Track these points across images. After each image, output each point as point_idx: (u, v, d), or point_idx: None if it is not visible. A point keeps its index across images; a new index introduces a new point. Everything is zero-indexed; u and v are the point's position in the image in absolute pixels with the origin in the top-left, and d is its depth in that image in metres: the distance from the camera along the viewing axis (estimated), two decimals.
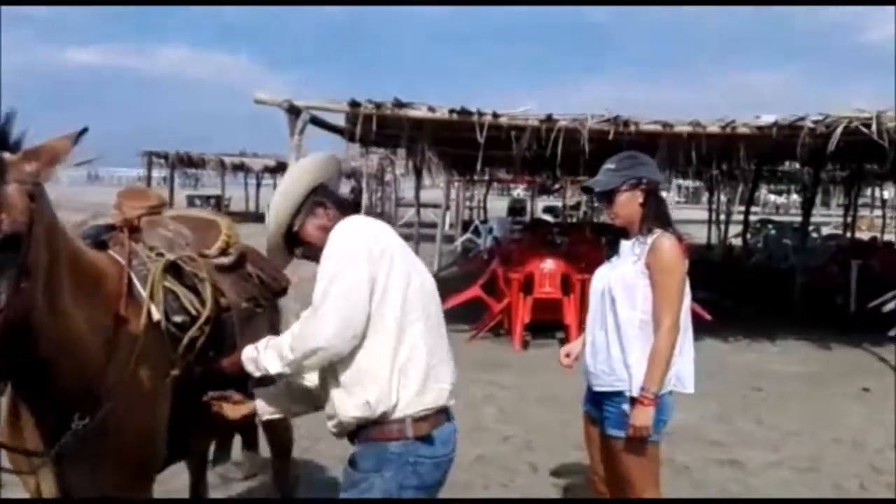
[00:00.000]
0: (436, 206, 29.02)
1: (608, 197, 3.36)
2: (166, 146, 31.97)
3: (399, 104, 7.96)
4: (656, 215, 3.28)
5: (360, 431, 2.35)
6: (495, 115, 7.97)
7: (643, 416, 3.11)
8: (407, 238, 2.74)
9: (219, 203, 32.16)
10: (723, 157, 9.57)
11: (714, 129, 8.06)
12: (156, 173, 34.17)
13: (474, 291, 9.96)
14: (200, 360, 2.57)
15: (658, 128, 8.06)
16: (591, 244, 11.07)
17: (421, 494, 2.36)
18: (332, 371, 2.33)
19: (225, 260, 2.90)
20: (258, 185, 35.17)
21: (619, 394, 3.21)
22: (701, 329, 9.23)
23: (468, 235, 21.02)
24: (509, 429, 6.14)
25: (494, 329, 9.95)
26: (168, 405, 2.48)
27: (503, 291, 9.81)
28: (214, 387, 2.56)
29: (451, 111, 7.98)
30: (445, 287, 10.99)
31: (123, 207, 2.66)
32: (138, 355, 2.32)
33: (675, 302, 3.19)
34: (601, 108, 8.02)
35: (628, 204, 3.29)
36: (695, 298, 3.53)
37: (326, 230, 2.39)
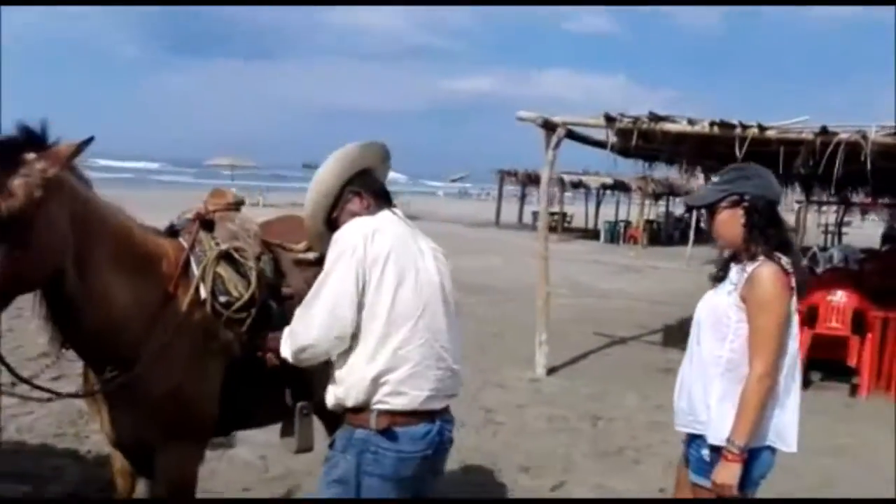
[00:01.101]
0: None
1: (709, 214, 3.05)
2: (519, 165, 34.10)
3: (656, 118, 7.69)
4: (763, 238, 2.86)
5: (343, 416, 2.56)
6: (761, 129, 7.29)
7: (726, 473, 2.76)
8: None
9: (563, 219, 33.28)
10: None
11: None
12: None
13: None
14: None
15: None
16: None
17: (386, 484, 2.47)
18: (332, 364, 2.56)
19: (310, 255, 3.23)
20: (598, 203, 35.63)
21: (701, 437, 2.90)
22: None
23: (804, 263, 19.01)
24: None
25: None
26: (215, 373, 2.85)
27: None
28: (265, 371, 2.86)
29: (712, 124, 7.49)
30: None
31: (206, 204, 3.13)
32: (180, 326, 2.74)
33: (770, 345, 2.76)
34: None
35: (729, 223, 2.94)
36: None
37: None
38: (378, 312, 2.44)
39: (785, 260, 2.83)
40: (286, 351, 2.60)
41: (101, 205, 2.65)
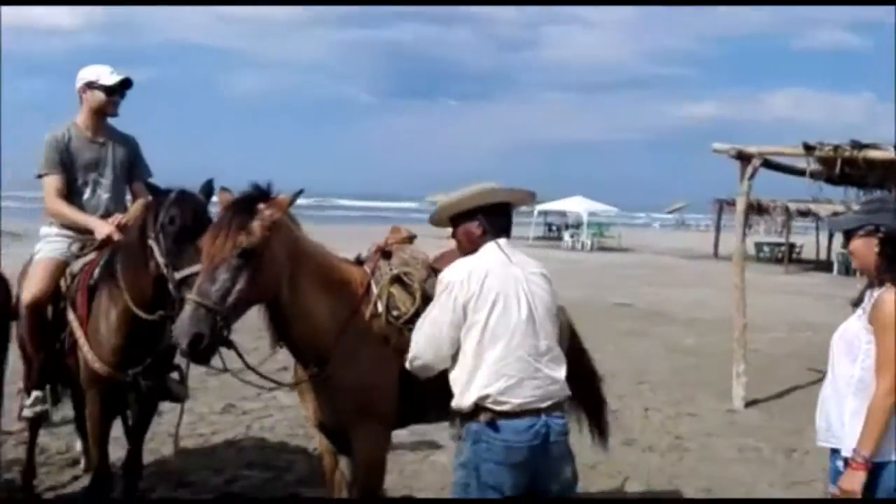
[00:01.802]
0: None
1: (846, 239, 3.27)
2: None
3: (858, 146, 7.50)
4: (891, 268, 3.06)
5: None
6: None
7: (851, 480, 3.00)
8: None
9: (790, 250, 31.41)
10: None
11: None
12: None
13: None
14: None
15: None
16: None
17: (501, 468, 2.95)
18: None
19: None
20: (830, 233, 33.12)
21: (839, 451, 3.13)
22: None
23: None
24: None
25: None
26: (391, 371, 3.44)
27: None
28: None
29: None
30: None
31: (386, 239, 3.79)
32: (361, 334, 3.45)
33: (892, 364, 2.96)
34: None
35: (863, 250, 3.17)
36: None
37: (469, 239, 3.19)
38: (473, 335, 3.00)
39: None
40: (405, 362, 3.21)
41: (307, 242, 3.46)
